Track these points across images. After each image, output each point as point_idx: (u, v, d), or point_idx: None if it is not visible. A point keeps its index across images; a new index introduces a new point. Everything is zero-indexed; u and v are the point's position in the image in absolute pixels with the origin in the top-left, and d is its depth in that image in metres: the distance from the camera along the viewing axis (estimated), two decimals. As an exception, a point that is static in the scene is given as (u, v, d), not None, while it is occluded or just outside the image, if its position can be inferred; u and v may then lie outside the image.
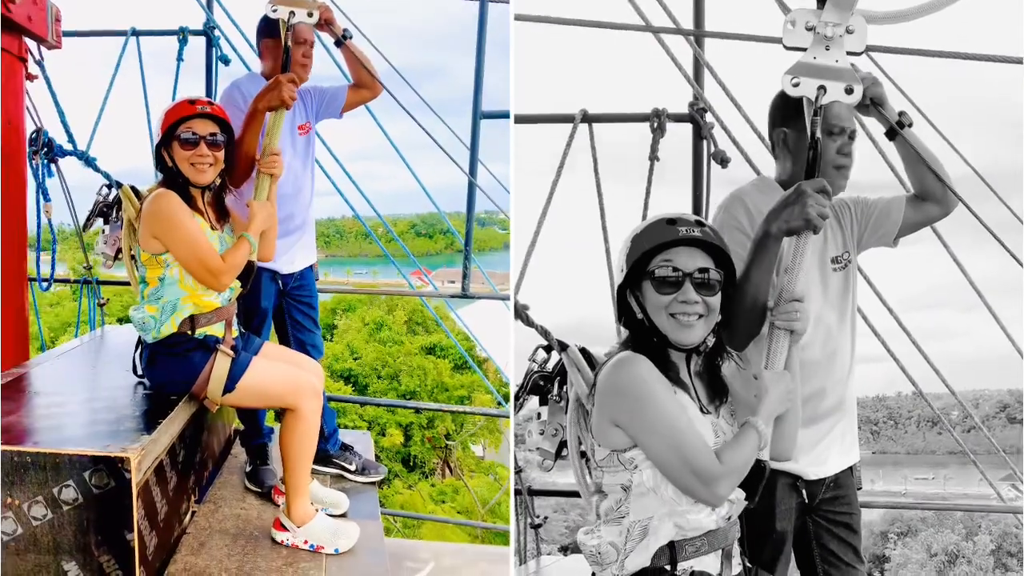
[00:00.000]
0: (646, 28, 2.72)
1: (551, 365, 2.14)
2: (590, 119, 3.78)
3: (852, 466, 2.47)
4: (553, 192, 3.68)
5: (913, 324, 3.67)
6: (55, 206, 4.19)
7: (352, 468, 3.43)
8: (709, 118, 3.59)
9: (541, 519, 4.17)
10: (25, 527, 2.14)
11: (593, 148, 3.77)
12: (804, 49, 1.98)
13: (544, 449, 2.09)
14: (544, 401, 2.12)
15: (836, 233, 2.41)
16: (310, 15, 2.97)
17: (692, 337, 1.82)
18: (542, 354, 2.16)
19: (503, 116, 4.34)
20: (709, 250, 1.83)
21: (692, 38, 3.34)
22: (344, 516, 3.03)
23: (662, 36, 2.94)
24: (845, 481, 2.44)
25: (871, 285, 3.29)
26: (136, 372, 2.84)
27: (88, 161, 4.17)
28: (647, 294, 1.84)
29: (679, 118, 3.76)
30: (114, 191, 3.52)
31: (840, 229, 2.42)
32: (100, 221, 3.46)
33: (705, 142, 3.73)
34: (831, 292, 2.37)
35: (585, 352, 2.04)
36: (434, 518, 17.76)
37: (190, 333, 2.64)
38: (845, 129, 2.27)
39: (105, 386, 3.00)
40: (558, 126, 3.84)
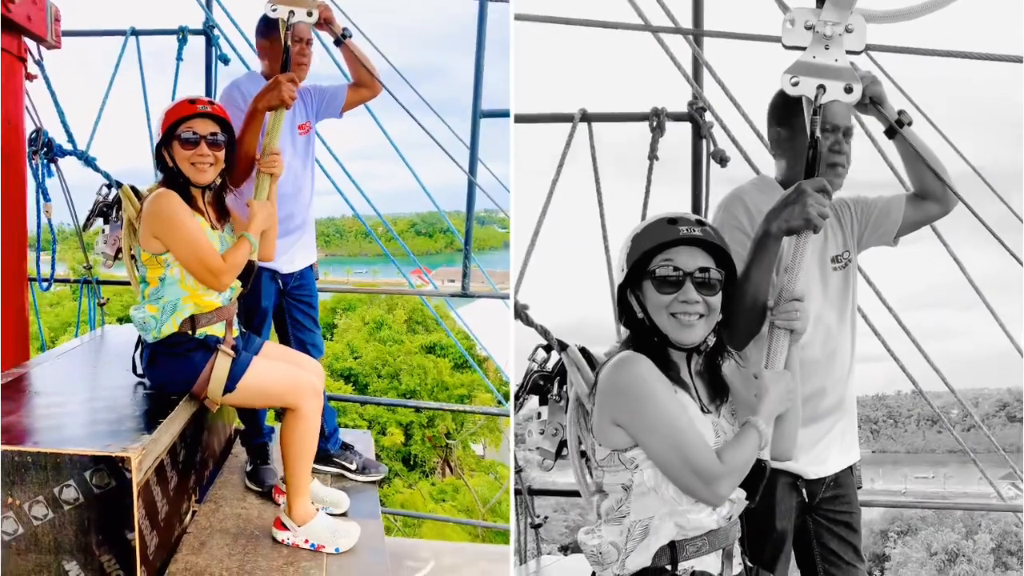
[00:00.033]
0: (645, 28, 2.73)
1: (551, 365, 2.14)
2: (589, 118, 3.78)
3: (852, 465, 2.47)
4: (552, 191, 3.69)
5: (913, 323, 3.67)
6: (55, 206, 4.20)
7: (352, 467, 3.43)
8: (708, 117, 3.59)
9: (541, 519, 4.17)
10: (26, 527, 2.15)
11: (592, 147, 3.77)
12: (803, 48, 1.98)
13: (544, 449, 2.09)
14: (544, 401, 2.12)
15: (836, 232, 2.41)
16: (309, 14, 2.97)
17: (693, 337, 1.82)
18: (542, 354, 2.16)
19: (503, 115, 4.34)
20: (710, 249, 1.83)
21: (691, 37, 3.34)
22: (345, 515, 3.04)
23: (661, 35, 2.94)
24: (845, 480, 2.45)
25: (871, 284, 3.30)
26: (135, 371, 2.84)
27: (88, 161, 4.17)
28: (648, 294, 1.84)
29: (678, 117, 3.76)
30: (114, 191, 3.52)
31: (840, 228, 2.42)
32: (100, 221, 3.46)
33: (704, 141, 3.73)
34: (831, 291, 2.37)
35: (585, 352, 2.05)
36: (434, 517, 17.76)
37: (191, 333, 2.64)
38: (838, 127, 2.26)
39: (105, 386, 3.00)
40: (558, 125, 3.84)
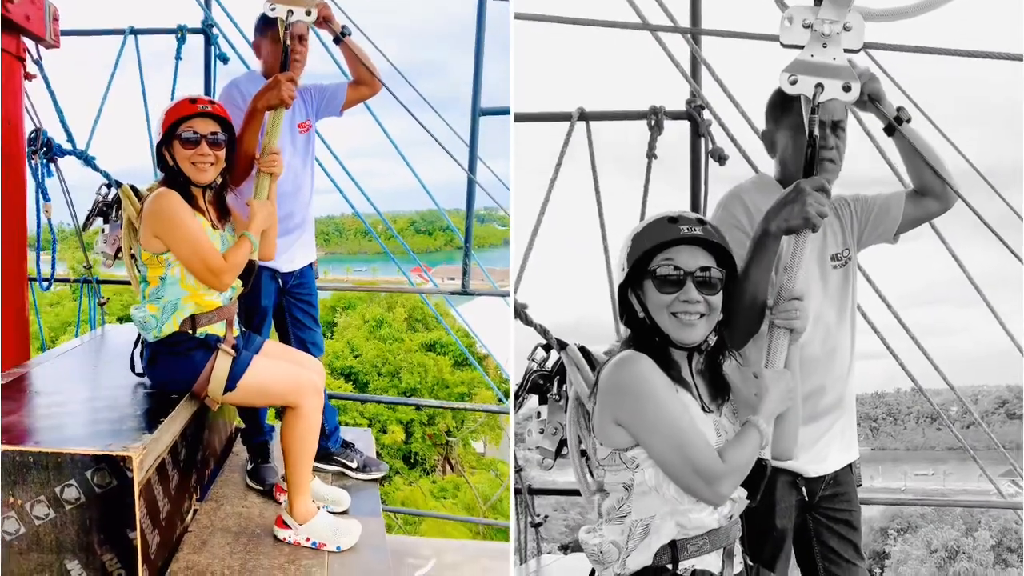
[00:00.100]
0: (644, 26, 2.73)
1: (550, 364, 2.15)
2: (587, 117, 3.78)
3: (852, 463, 2.47)
4: (551, 190, 3.69)
5: (912, 320, 3.67)
6: (54, 206, 4.20)
7: (353, 465, 3.44)
8: (707, 115, 3.59)
9: (541, 518, 4.18)
10: (28, 526, 2.15)
11: (590, 146, 3.77)
12: (801, 46, 1.98)
13: (544, 448, 2.10)
14: (544, 400, 2.12)
15: (836, 230, 2.41)
16: (308, 13, 2.97)
17: (694, 336, 1.82)
18: (541, 353, 2.16)
19: (502, 113, 4.35)
20: (710, 249, 1.83)
21: (689, 36, 3.34)
22: (346, 513, 3.04)
23: (660, 34, 2.94)
24: (845, 478, 2.45)
25: (870, 282, 3.30)
26: (134, 370, 2.84)
27: (87, 160, 4.17)
28: (648, 293, 1.84)
29: (677, 116, 3.75)
30: (113, 190, 3.52)
31: (840, 226, 2.42)
32: (100, 220, 3.46)
33: (703, 139, 3.73)
34: (831, 289, 2.38)
35: (584, 351, 2.05)
36: (435, 515, 17.76)
37: (191, 332, 2.65)
38: (823, 122, 2.24)
39: (106, 385, 3.00)
40: (558, 123, 3.84)
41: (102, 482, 2.16)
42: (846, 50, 1.98)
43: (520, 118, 3.80)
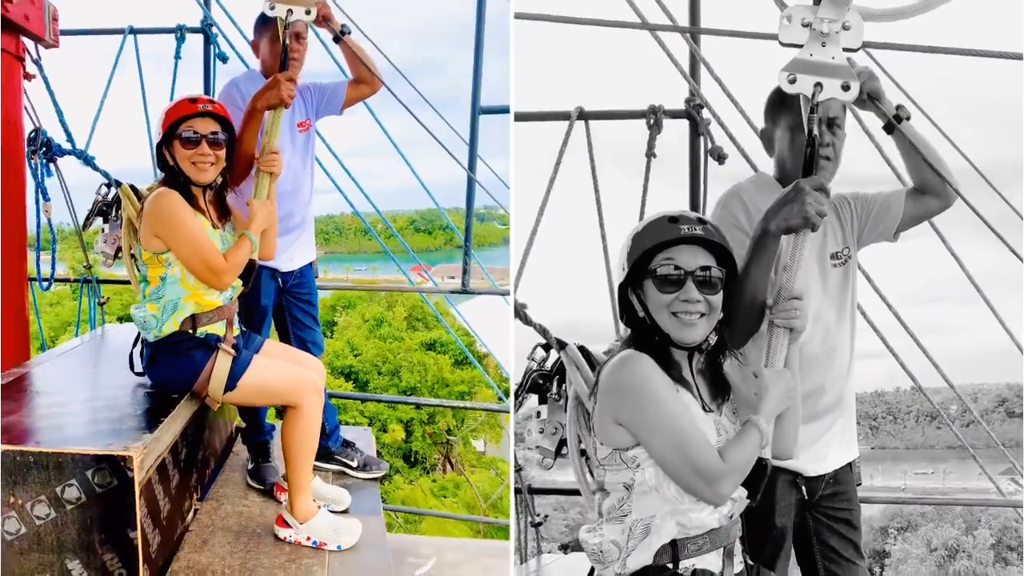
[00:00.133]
0: (642, 26, 2.73)
1: (550, 363, 2.15)
2: (586, 116, 3.78)
3: (852, 462, 2.47)
4: (550, 189, 3.69)
5: (912, 319, 3.67)
6: (54, 205, 4.19)
7: (354, 464, 3.44)
8: (706, 114, 3.59)
9: (541, 517, 4.18)
10: (29, 526, 2.15)
11: (590, 145, 3.76)
12: (800, 46, 1.98)
13: (544, 447, 2.10)
14: (543, 399, 2.13)
15: (836, 229, 2.41)
16: (308, 12, 2.97)
17: (694, 336, 1.82)
18: (541, 352, 2.17)
19: (502, 111, 4.35)
20: (711, 248, 1.83)
21: (688, 35, 3.34)
22: (346, 512, 3.05)
23: (659, 33, 2.94)
24: (844, 477, 2.45)
25: (869, 280, 3.30)
26: (133, 369, 2.84)
27: (87, 160, 4.17)
28: (649, 293, 1.84)
29: (676, 115, 3.75)
30: (113, 190, 3.52)
31: (840, 225, 2.42)
32: (99, 220, 3.47)
33: (702, 138, 3.73)
34: (830, 288, 2.37)
35: (584, 350, 2.05)
36: (436, 513, 17.78)
37: (191, 332, 2.65)
38: (821, 119, 2.24)
39: (106, 385, 3.00)
40: (559, 122, 3.84)
41: (103, 482, 2.16)
42: (845, 49, 1.97)
43: (519, 117, 3.80)
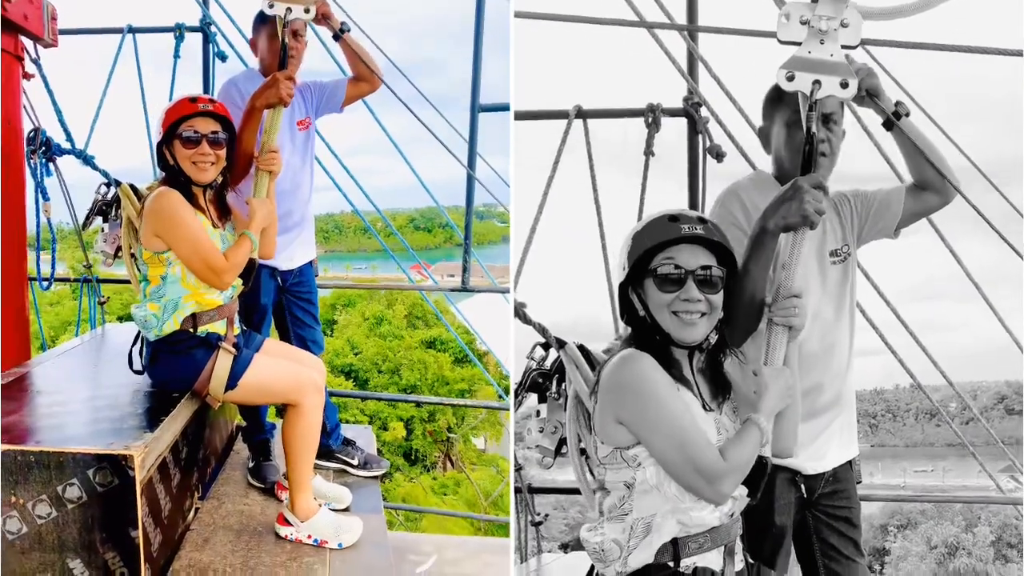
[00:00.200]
0: (641, 24, 2.73)
1: (549, 362, 2.15)
2: (585, 115, 3.78)
3: (852, 460, 2.47)
4: (548, 188, 3.69)
5: (911, 316, 3.68)
6: (54, 205, 4.19)
7: (354, 463, 3.45)
8: (704, 113, 3.59)
9: (541, 516, 4.18)
10: (30, 526, 2.16)
11: (588, 144, 3.77)
12: (799, 43, 1.98)
13: (544, 447, 2.10)
14: (543, 399, 2.13)
15: (835, 226, 2.41)
16: (307, 11, 2.97)
17: (695, 335, 1.82)
18: (540, 351, 2.17)
19: (501, 109, 4.34)
20: (711, 247, 1.83)
21: (686, 33, 3.34)
22: (347, 510, 3.05)
23: (657, 31, 2.94)
24: (844, 475, 2.45)
25: (868, 278, 3.30)
26: (132, 367, 2.85)
27: (86, 159, 4.17)
28: (649, 292, 1.84)
29: (674, 113, 3.75)
30: (113, 189, 3.52)
31: (839, 222, 2.42)
32: (99, 219, 3.47)
33: (700, 137, 3.73)
34: (829, 285, 2.37)
35: (583, 349, 2.05)
36: (436, 511, 17.78)
37: (192, 331, 2.65)
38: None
39: (107, 384, 3.00)
40: (558, 120, 3.84)
41: (104, 481, 2.17)
42: (843, 47, 1.97)
43: (519, 116, 3.81)
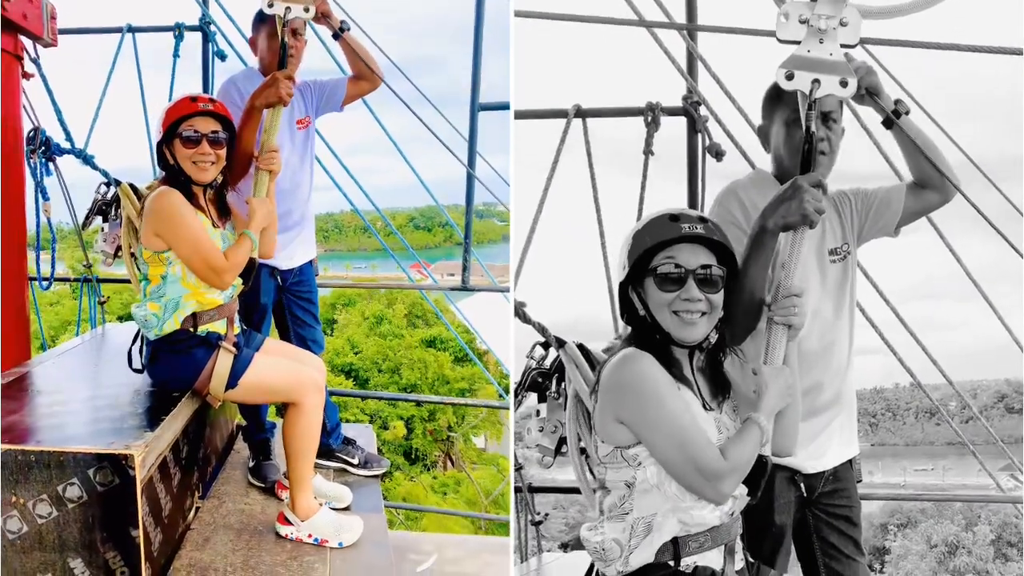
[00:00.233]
0: (640, 23, 2.73)
1: (549, 362, 2.15)
2: (584, 114, 3.77)
3: (852, 459, 2.47)
4: (548, 187, 3.68)
5: (910, 315, 3.67)
6: (54, 205, 4.19)
7: (355, 462, 3.45)
8: (703, 111, 3.59)
9: (541, 516, 4.19)
10: (30, 525, 2.16)
11: (587, 143, 3.76)
12: (798, 42, 1.98)
13: (543, 446, 2.11)
14: (543, 398, 2.13)
15: (835, 225, 2.41)
16: (307, 10, 2.97)
17: (695, 334, 1.82)
18: (540, 351, 2.17)
19: (501, 108, 4.34)
20: (712, 246, 1.83)
21: (685, 32, 3.34)
22: (347, 510, 3.05)
23: (656, 30, 2.94)
24: (844, 474, 2.45)
25: (868, 276, 3.30)
26: (131, 365, 2.85)
27: (86, 159, 4.17)
28: (650, 291, 1.84)
29: (673, 112, 3.75)
30: (112, 189, 3.52)
31: (839, 221, 2.42)
32: (99, 219, 3.47)
33: (700, 135, 3.73)
34: (829, 284, 2.38)
35: (583, 348, 2.06)
36: (437, 510, 17.79)
37: (192, 330, 2.65)
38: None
39: (107, 384, 3.01)
40: (558, 119, 3.83)
41: (104, 480, 2.17)
42: (843, 45, 1.97)
43: (518, 115, 3.80)
